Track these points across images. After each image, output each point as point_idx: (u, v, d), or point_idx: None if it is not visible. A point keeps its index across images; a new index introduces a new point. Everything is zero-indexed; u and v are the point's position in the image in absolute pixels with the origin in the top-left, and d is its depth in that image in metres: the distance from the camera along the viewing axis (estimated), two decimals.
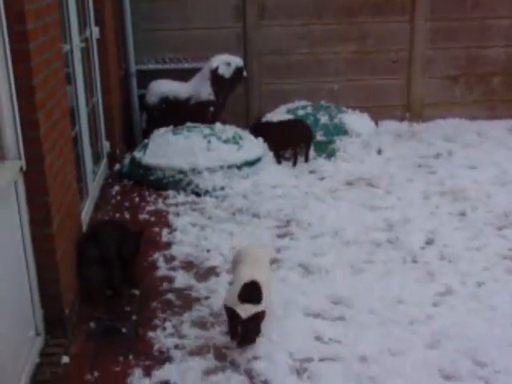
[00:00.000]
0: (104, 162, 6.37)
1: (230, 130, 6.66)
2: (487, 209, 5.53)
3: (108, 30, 6.39)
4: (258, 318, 3.53)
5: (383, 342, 3.69)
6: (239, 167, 6.24)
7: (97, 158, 6.10)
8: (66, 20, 4.90)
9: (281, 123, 6.86)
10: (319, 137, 6.91)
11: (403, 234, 5.07)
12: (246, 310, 3.50)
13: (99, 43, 6.17)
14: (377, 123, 7.66)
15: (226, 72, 7.17)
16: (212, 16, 7.70)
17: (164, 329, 3.88)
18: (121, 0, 7.16)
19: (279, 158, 6.69)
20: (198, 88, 7.23)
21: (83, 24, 5.67)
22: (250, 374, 3.47)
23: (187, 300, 4.21)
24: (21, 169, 3.36)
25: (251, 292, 3.60)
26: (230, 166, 6.19)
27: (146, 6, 7.56)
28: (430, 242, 4.96)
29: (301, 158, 6.72)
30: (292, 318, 3.94)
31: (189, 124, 6.74)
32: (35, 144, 3.39)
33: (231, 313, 3.53)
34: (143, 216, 5.57)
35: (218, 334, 3.82)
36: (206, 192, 6.00)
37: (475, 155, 6.93)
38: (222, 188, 6.04)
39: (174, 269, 4.63)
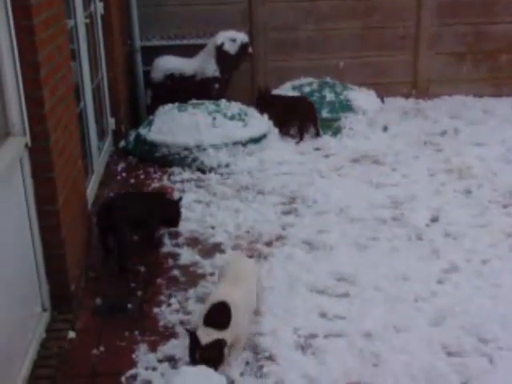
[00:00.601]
0: (109, 138, 6.37)
1: (235, 107, 6.63)
2: (493, 186, 5.51)
3: (112, 5, 6.35)
4: (220, 345, 3.12)
5: (388, 318, 3.70)
6: (244, 144, 6.22)
7: (102, 135, 6.09)
8: None
9: (284, 98, 6.84)
10: (325, 114, 6.88)
11: (408, 212, 5.07)
12: (207, 335, 3.14)
13: (103, 19, 6.14)
14: (383, 100, 7.62)
15: (231, 48, 7.13)
16: None
17: (169, 305, 3.91)
18: None
19: (282, 132, 6.69)
20: (203, 64, 7.20)
21: None
22: (254, 349, 3.49)
23: (192, 276, 4.23)
24: (26, 145, 3.36)
25: (218, 315, 3.22)
26: (235, 143, 6.17)
27: None
28: (434, 220, 4.95)
29: (307, 136, 6.71)
30: (297, 294, 3.96)
31: (194, 100, 6.72)
32: (40, 120, 3.39)
33: (192, 335, 3.17)
34: None
35: None
36: (211, 169, 6.00)
37: (481, 133, 6.89)
38: (227, 165, 6.04)
39: (178, 245, 4.64)
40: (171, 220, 4.74)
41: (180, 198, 4.89)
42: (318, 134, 6.70)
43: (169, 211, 4.74)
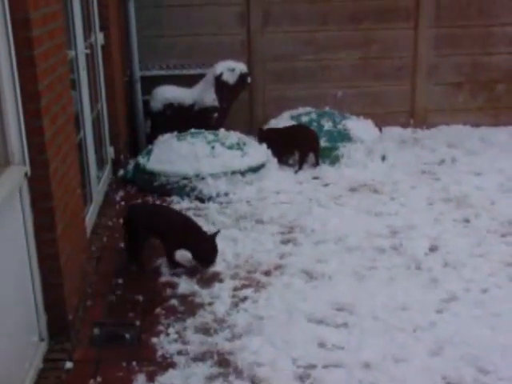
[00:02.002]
0: (108, 167, 6.39)
1: (234, 136, 6.68)
2: (491, 216, 5.52)
3: (113, 36, 6.41)
4: None
5: (386, 348, 3.68)
6: (243, 173, 6.24)
7: (101, 164, 6.11)
8: (71, 26, 4.93)
9: (284, 129, 6.88)
10: (323, 143, 6.91)
11: (407, 241, 5.07)
12: None
13: (104, 49, 6.19)
14: (381, 129, 7.67)
15: (230, 78, 7.18)
16: (216, 22, 7.73)
17: (167, 335, 3.88)
18: (125, 6, 7.18)
19: (281, 161, 6.73)
20: (202, 94, 7.25)
21: (88, 30, 5.69)
22: (253, 380, 3.46)
23: (191, 306, 4.22)
24: (25, 174, 3.37)
25: None
26: (233, 172, 6.19)
27: (151, 12, 7.59)
28: (433, 249, 4.95)
29: (306, 165, 6.74)
30: (295, 324, 3.94)
31: (193, 130, 6.76)
32: (40, 150, 3.40)
33: None
34: None
35: (221, 340, 3.82)
36: (210, 198, 6.01)
37: (479, 162, 6.92)
38: (226, 194, 6.06)
39: (177, 275, 4.63)
40: (204, 256, 4.69)
41: (217, 232, 4.72)
42: (317, 164, 6.72)
43: (201, 245, 4.67)
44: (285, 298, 4.25)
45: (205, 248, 4.64)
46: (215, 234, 4.67)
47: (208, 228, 5.36)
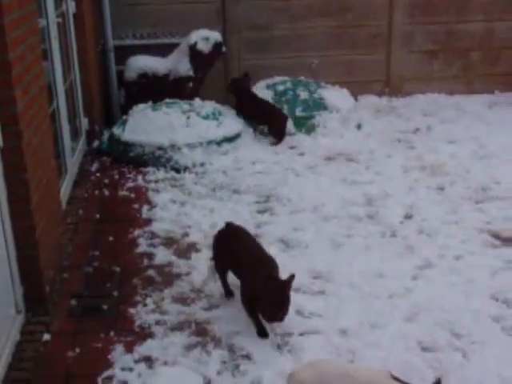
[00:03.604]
0: (83, 138, 6.32)
1: (209, 106, 6.64)
2: (465, 183, 5.58)
3: (84, 4, 6.30)
4: None
5: (363, 315, 3.73)
6: (219, 143, 6.23)
7: (75, 135, 6.05)
8: None
9: (260, 102, 6.84)
10: (299, 112, 6.90)
11: (382, 209, 5.11)
12: None
13: (76, 18, 6.08)
14: (356, 98, 7.67)
15: (204, 47, 7.11)
16: None
17: (145, 305, 3.89)
18: None
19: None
20: (177, 63, 7.17)
21: None
22: (231, 348, 3.50)
23: (168, 276, 4.23)
24: None
25: None
26: (209, 142, 6.17)
27: None
28: (408, 217, 5.00)
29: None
30: None
31: (168, 100, 6.70)
32: (12, 121, 3.36)
33: None
34: (123, 193, 5.56)
35: (198, 310, 3.84)
36: (186, 168, 5.99)
37: (454, 130, 6.96)
38: (202, 164, 6.03)
39: (154, 245, 4.63)
40: (271, 308, 3.53)
41: (292, 277, 3.54)
42: (276, 143, 6.67)
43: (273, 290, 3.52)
44: None
45: (274, 299, 3.51)
46: (290, 279, 3.54)
47: (185, 199, 5.37)
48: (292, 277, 3.50)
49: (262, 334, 3.57)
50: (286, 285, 3.50)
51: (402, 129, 7.09)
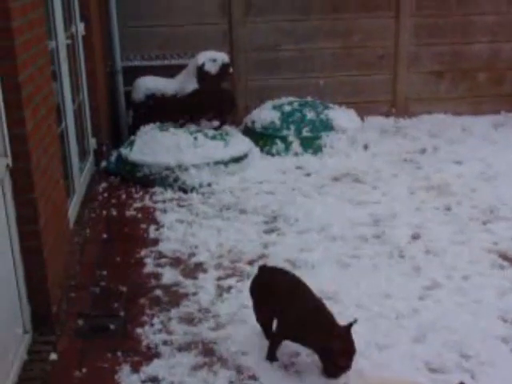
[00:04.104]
0: (90, 158, 6.36)
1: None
2: (472, 203, 5.57)
3: (93, 26, 6.37)
4: None
5: (370, 336, 3.71)
6: (226, 163, 6.25)
7: (83, 155, 6.08)
8: (51, 16, 4.89)
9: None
10: (305, 133, 6.93)
11: (389, 229, 5.10)
12: None
13: (85, 40, 6.15)
14: (363, 119, 7.69)
15: (212, 68, 7.16)
16: (198, 12, 7.69)
17: (152, 325, 3.89)
18: None
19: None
20: (184, 84, 7.22)
21: (68, 20, 5.65)
22: (238, 369, 3.48)
23: (175, 296, 4.22)
24: (7, 166, 3.35)
25: None
26: (216, 163, 6.20)
27: (132, 2, 7.52)
28: (416, 237, 4.99)
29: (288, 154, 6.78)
30: None
31: None
32: (21, 141, 3.38)
33: None
34: (130, 213, 5.57)
35: (205, 330, 3.83)
36: (193, 188, 6.00)
37: (460, 150, 6.97)
38: (209, 184, 6.05)
39: (161, 265, 4.63)
40: (333, 358, 3.30)
41: (353, 322, 3.29)
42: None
43: (330, 342, 3.28)
44: None
45: (336, 347, 3.27)
46: (350, 325, 3.29)
47: (192, 219, 5.38)
48: (354, 321, 3.27)
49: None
50: (350, 330, 3.26)
51: (408, 149, 7.10)
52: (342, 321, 3.38)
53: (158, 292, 4.27)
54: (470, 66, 8.28)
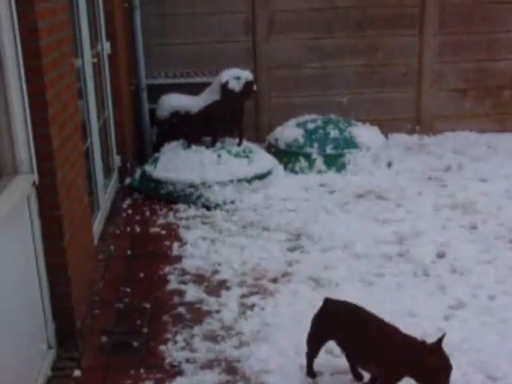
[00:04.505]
0: (115, 175, 6.41)
1: None
2: (498, 222, 5.51)
3: (119, 44, 6.44)
4: None
5: None
6: (249, 181, 6.26)
7: (108, 172, 6.13)
8: (78, 35, 4.95)
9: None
10: (329, 150, 6.92)
11: (414, 247, 5.06)
12: None
13: (110, 58, 6.22)
14: (386, 136, 7.67)
15: (235, 86, 7.18)
16: (222, 30, 7.76)
17: (175, 342, 3.89)
18: (132, 15, 7.22)
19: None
20: (208, 102, 7.25)
21: (95, 39, 5.73)
22: None
23: (198, 313, 4.22)
24: (33, 183, 3.39)
25: None
26: (240, 180, 6.21)
27: (157, 21, 7.62)
28: (440, 255, 4.95)
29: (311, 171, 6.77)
30: (303, 331, 3.91)
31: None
32: (48, 158, 3.42)
33: None
34: (154, 229, 5.60)
35: (229, 348, 3.82)
36: (217, 205, 6.02)
37: (485, 168, 6.91)
38: (233, 201, 6.06)
39: (184, 282, 4.64)
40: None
41: (442, 337, 3.10)
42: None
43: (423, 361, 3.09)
44: (292, 305, 4.25)
45: (433, 364, 3.08)
46: (440, 340, 3.10)
47: (215, 236, 5.38)
48: (443, 336, 3.08)
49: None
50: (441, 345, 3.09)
51: (432, 167, 7.06)
52: None
53: (181, 309, 4.27)
54: (494, 83, 8.23)
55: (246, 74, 7.27)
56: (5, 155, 3.26)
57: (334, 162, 6.87)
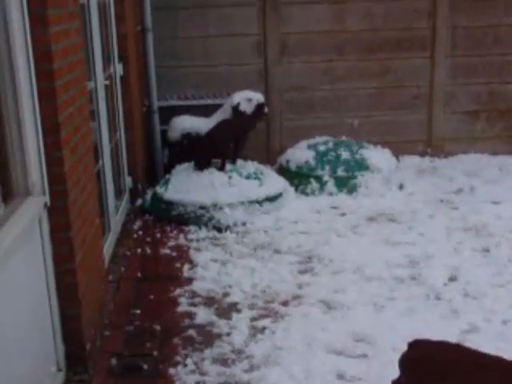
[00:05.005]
0: (126, 197, 6.42)
1: (251, 166, 6.70)
2: (511, 245, 5.47)
3: (131, 66, 6.49)
4: None
5: None
6: (260, 203, 6.25)
7: (119, 193, 6.14)
8: (90, 58, 4.99)
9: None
10: (340, 172, 6.91)
11: (426, 270, 5.02)
12: None
13: (122, 80, 6.26)
14: (398, 158, 7.66)
15: (247, 108, 7.22)
16: (233, 53, 7.80)
17: (185, 365, 3.86)
18: (144, 37, 7.28)
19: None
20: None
21: (107, 61, 5.77)
22: None
23: (208, 336, 4.19)
24: (45, 205, 3.39)
25: None
26: (251, 202, 6.20)
27: (169, 43, 7.67)
28: (453, 279, 4.90)
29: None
30: (314, 355, 3.90)
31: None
32: (59, 180, 3.43)
33: None
34: (165, 251, 5.59)
35: (239, 371, 3.79)
36: (228, 227, 6.01)
37: (498, 190, 6.87)
38: (244, 223, 6.05)
39: (194, 305, 4.61)
40: None
41: None
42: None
43: None
44: (303, 328, 4.21)
45: None
46: None
47: (226, 258, 5.37)
48: None
49: None
50: None
51: (444, 189, 7.03)
52: (373, 362, 3.30)
53: (192, 332, 4.25)
54: (506, 106, 8.22)
55: (258, 96, 7.32)
56: (17, 177, 3.27)
57: (346, 184, 6.86)
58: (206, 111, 7.54)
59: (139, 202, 6.66)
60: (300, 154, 7.18)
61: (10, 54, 3.10)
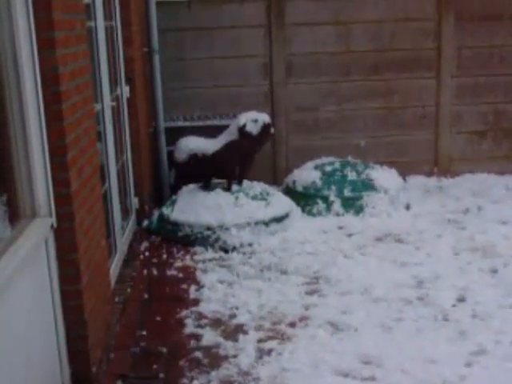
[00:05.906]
0: (132, 217, 6.42)
1: (257, 187, 6.70)
2: None
3: (138, 88, 6.52)
4: None
5: None
6: (267, 223, 6.24)
7: (125, 214, 6.14)
8: (97, 80, 5.02)
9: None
10: (347, 193, 6.90)
11: (433, 291, 4.99)
12: None
13: (129, 101, 6.29)
14: (405, 179, 7.65)
15: (253, 129, 7.22)
16: (240, 74, 7.84)
17: None
18: (151, 59, 7.32)
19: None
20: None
21: (114, 83, 5.80)
22: None
23: (215, 358, 4.17)
24: (51, 226, 3.39)
25: None
26: (257, 223, 6.19)
27: (176, 65, 7.72)
28: (461, 300, 4.87)
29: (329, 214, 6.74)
30: (321, 377, 3.87)
31: (217, 180, 6.79)
32: (66, 201, 3.43)
33: None
34: (171, 272, 5.58)
35: None
36: (234, 248, 6.00)
37: (505, 210, 6.84)
38: (250, 244, 6.04)
39: (201, 326, 4.59)
40: None
41: None
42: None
43: None
44: (310, 350, 4.18)
45: None
46: None
47: (233, 279, 5.35)
48: None
49: None
50: None
51: (451, 209, 7.01)
52: (380, 383, 3.28)
53: (198, 353, 4.23)
54: None
55: (264, 117, 7.32)
56: (24, 199, 3.28)
57: (352, 204, 6.85)
58: (212, 132, 7.55)
59: (146, 222, 6.66)
60: (306, 174, 7.18)
61: (18, 75, 3.12)
